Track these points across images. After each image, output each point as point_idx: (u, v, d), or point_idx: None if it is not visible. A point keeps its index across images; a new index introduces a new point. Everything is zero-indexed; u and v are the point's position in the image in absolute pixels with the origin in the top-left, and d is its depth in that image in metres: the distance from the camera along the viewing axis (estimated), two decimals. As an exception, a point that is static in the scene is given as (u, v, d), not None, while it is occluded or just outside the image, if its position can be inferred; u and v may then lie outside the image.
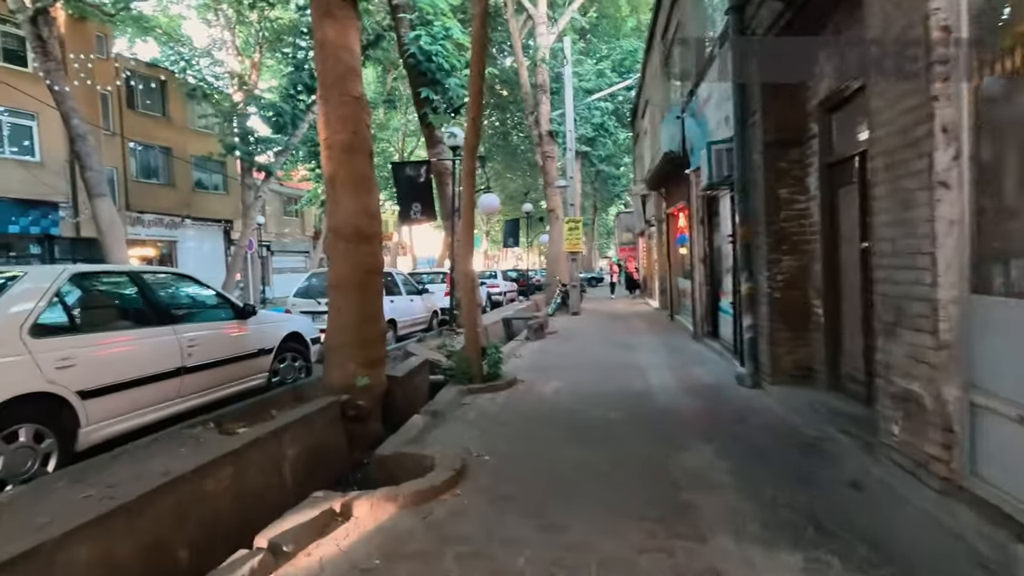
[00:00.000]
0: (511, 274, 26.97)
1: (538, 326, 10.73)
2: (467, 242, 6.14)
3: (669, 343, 9.26)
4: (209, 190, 26.79)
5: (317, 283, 8.87)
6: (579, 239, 15.83)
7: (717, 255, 8.61)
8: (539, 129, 17.49)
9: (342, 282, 5.18)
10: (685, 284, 11.47)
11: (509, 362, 7.96)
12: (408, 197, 9.79)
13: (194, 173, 25.92)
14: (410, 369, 6.25)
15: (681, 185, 10.79)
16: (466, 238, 6.14)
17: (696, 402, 5.29)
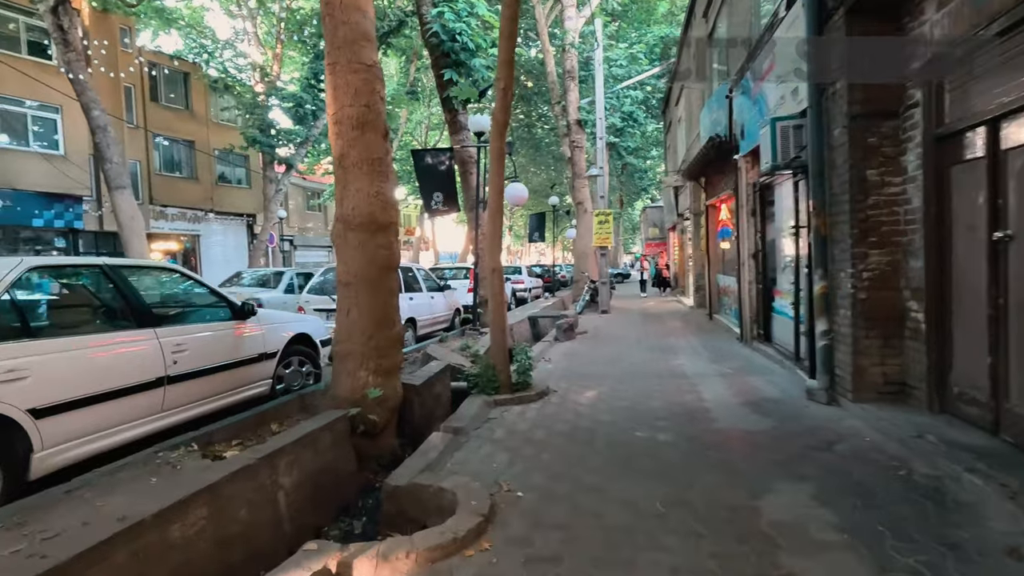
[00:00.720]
0: (536, 270, 26.20)
1: (568, 326, 9.98)
2: (494, 233, 5.43)
3: (713, 346, 8.42)
4: (232, 184, 26.63)
5: (332, 279, 8.27)
6: (609, 233, 14.99)
7: (771, 250, 7.74)
8: (567, 118, 16.68)
9: (352, 279, 4.52)
10: (728, 281, 10.58)
11: (538, 367, 7.24)
12: (429, 187, 9.13)
13: (217, 167, 25.77)
14: (429, 376, 5.58)
15: (725, 174, 9.90)
16: (493, 229, 5.43)
17: (764, 422, 4.49)
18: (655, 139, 31.73)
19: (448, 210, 9.30)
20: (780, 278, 7.49)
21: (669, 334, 10.21)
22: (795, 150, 5.41)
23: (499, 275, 5.43)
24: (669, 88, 19.15)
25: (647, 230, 39.07)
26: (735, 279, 9.85)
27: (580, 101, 16.88)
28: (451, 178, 9.43)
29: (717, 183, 10.89)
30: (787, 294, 6.99)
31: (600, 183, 15.06)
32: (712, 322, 11.44)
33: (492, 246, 5.42)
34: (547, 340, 9.71)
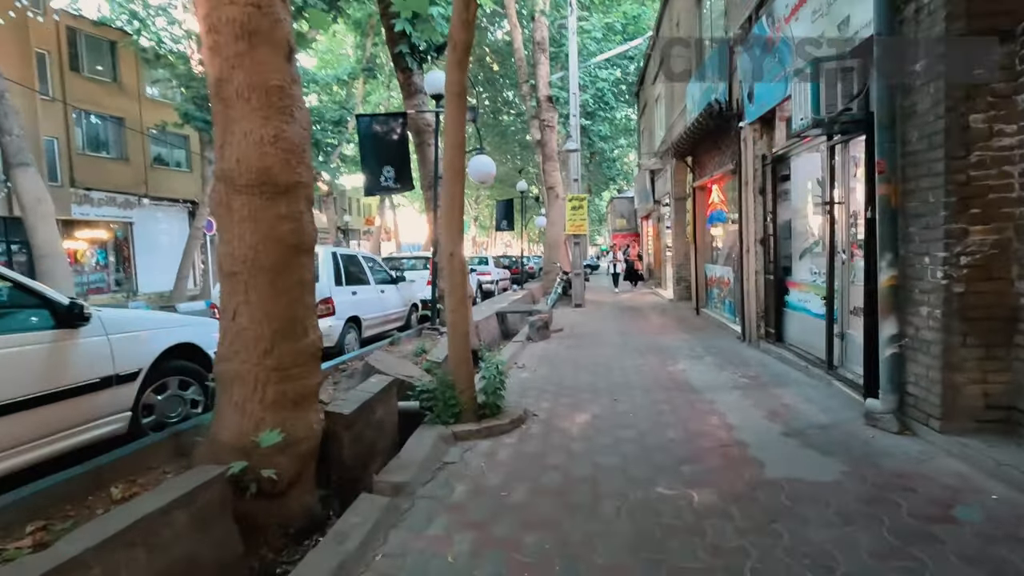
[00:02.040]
0: (503, 261, 24.81)
1: (542, 324, 8.64)
2: (452, 207, 4.00)
3: (713, 347, 7.22)
4: (171, 167, 24.27)
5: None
6: (584, 219, 13.73)
7: (784, 234, 6.56)
8: (536, 95, 15.28)
9: (239, 266, 3.02)
10: (720, 272, 9.44)
11: (510, 375, 5.88)
12: (377, 159, 7.61)
13: (152, 147, 23.42)
14: (367, 399, 4.12)
15: (720, 149, 8.70)
16: (451, 201, 4.00)
17: (828, 465, 3.24)
18: (624, 126, 30.73)
19: (400, 187, 7.80)
20: (797, 267, 6.31)
21: (657, 331, 9.00)
22: (843, 100, 4.17)
23: (460, 262, 4.02)
24: (644, 67, 17.99)
25: (615, 221, 38.17)
26: (731, 269, 8.69)
27: (551, 76, 15.50)
28: (404, 150, 7.92)
29: (708, 162, 9.71)
30: (809, 287, 5.81)
31: (574, 162, 13.74)
32: (701, 317, 10.30)
33: (450, 224, 3.99)
34: (519, 340, 8.36)
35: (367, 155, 7.73)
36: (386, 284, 8.36)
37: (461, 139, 3.88)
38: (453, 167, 3.85)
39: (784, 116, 6.42)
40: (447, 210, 3.92)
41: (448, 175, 3.86)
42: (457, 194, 3.90)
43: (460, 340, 4.06)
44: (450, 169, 3.85)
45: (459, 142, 3.86)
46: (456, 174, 3.86)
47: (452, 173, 3.85)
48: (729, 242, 9.04)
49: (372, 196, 8.40)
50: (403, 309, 8.81)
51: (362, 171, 7.70)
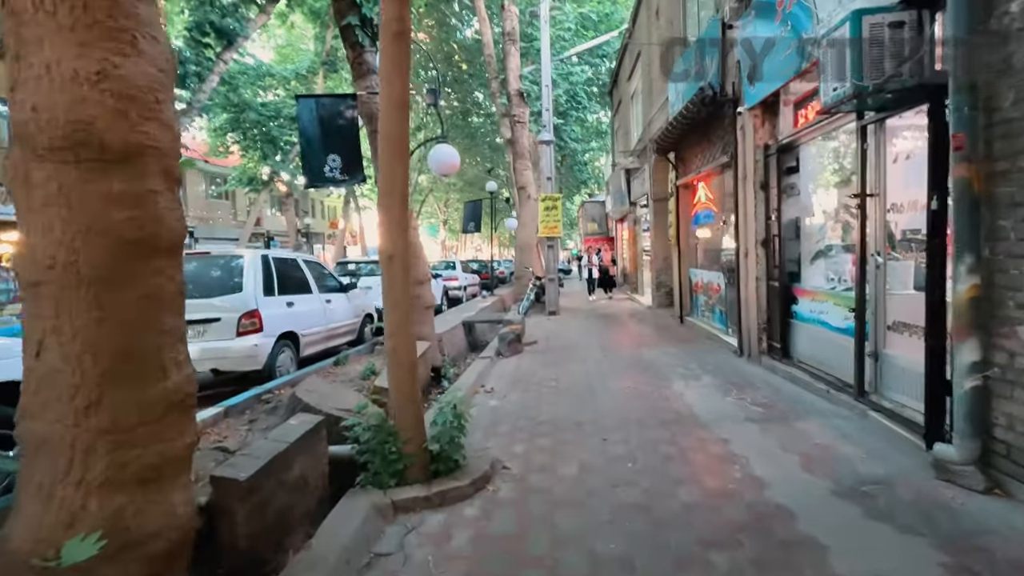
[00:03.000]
0: (472, 265, 23.73)
1: (513, 337, 7.64)
2: (392, 198, 2.94)
3: (709, 363, 6.34)
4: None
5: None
6: (557, 221, 12.82)
7: (790, 234, 5.73)
8: (506, 90, 14.33)
9: (46, 274, 1.94)
10: (707, 277, 8.61)
11: (476, 403, 4.86)
12: (320, 146, 6.50)
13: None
14: (277, 453, 3.03)
15: (710, 141, 7.88)
16: (390, 191, 2.93)
17: (917, 552, 2.32)
18: (596, 129, 30.12)
19: (347, 179, 6.69)
20: (808, 272, 5.47)
21: (640, 343, 8.10)
22: (892, 64, 3.31)
23: (403, 268, 2.97)
24: (618, 64, 17.25)
25: (586, 225, 37.52)
26: (721, 274, 7.86)
27: (523, 70, 14.58)
28: (353, 137, 6.83)
29: (694, 157, 8.89)
30: (826, 295, 4.96)
31: (547, 159, 12.82)
32: (686, 327, 9.47)
33: (389, 216, 2.94)
34: (487, 356, 7.33)
35: (309, 141, 6.60)
36: (334, 293, 7.22)
37: (403, 95, 2.86)
38: (393, 136, 2.82)
39: (790, 100, 5.60)
40: (386, 196, 2.88)
41: (386, 147, 2.83)
42: (399, 174, 2.87)
43: (404, 375, 3.01)
44: (389, 139, 2.82)
45: (401, 100, 2.83)
46: (397, 146, 2.83)
47: (392, 144, 2.82)
48: (720, 244, 8.22)
49: (314, 188, 7.16)
50: (354, 321, 7.68)
51: (302, 160, 6.57)
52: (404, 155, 2.86)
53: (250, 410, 4.38)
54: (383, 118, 2.84)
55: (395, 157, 2.82)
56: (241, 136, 21.74)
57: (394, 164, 2.82)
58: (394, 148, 2.82)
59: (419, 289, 7.56)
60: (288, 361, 5.80)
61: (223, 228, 29.39)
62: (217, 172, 29.18)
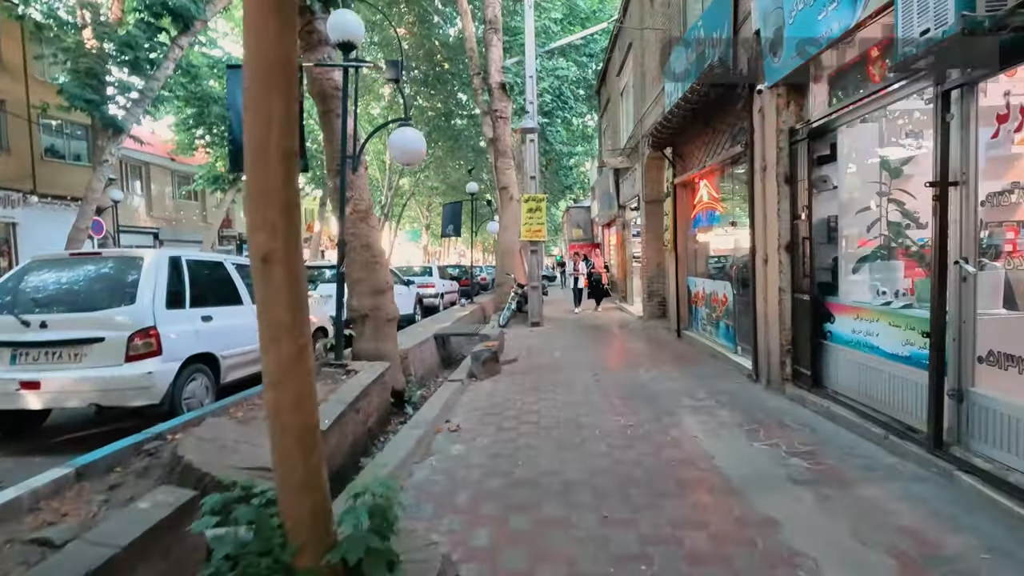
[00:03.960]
0: (452, 271, 22.57)
1: (489, 355, 6.54)
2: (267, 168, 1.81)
3: (720, 391, 5.29)
4: (66, 161, 20.95)
5: (39, 281, 4.27)
6: (541, 224, 11.77)
7: (824, 237, 4.73)
8: (488, 83, 13.28)
9: None
10: (710, 287, 7.59)
11: (435, 446, 3.75)
12: (257, 126, 5.43)
13: (44, 137, 20.14)
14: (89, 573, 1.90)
15: (715, 131, 6.90)
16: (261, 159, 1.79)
17: None
18: (581, 133, 29.28)
19: (290, 167, 5.60)
20: (848, 283, 4.46)
21: (635, 361, 7.05)
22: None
23: (288, 275, 1.85)
24: (606, 61, 16.34)
25: (571, 231, 36.61)
26: (728, 284, 6.85)
27: (505, 62, 13.55)
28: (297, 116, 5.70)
29: (695, 151, 7.90)
30: (876, 313, 3.94)
31: (530, 155, 11.78)
32: (684, 342, 8.45)
33: (262, 185, 1.80)
34: (457, 378, 6.21)
35: (241, 120, 5.46)
36: (274, 303, 6.08)
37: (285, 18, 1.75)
38: (267, 56, 1.70)
39: (822, 75, 4.61)
40: (258, 154, 1.76)
41: (256, 72, 1.71)
42: (279, 116, 1.75)
43: (295, 447, 1.87)
44: (261, 59, 1.70)
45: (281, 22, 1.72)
46: (275, 71, 1.71)
47: (266, 68, 1.70)
48: (726, 249, 7.23)
49: (238, 172, 5.88)
50: (301, 336, 6.52)
51: (229, 142, 5.42)
52: (286, 86, 1.74)
53: (121, 467, 3.24)
54: (249, 26, 1.73)
55: (272, 89, 1.70)
56: (206, 131, 20.42)
57: (271, 100, 1.69)
58: (269, 74, 1.70)
59: (379, 299, 6.44)
60: (202, 391, 4.61)
61: (190, 230, 27.86)
62: (184, 171, 27.68)
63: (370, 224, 6.42)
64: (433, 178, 37.01)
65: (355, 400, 4.69)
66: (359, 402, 4.81)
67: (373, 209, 6.52)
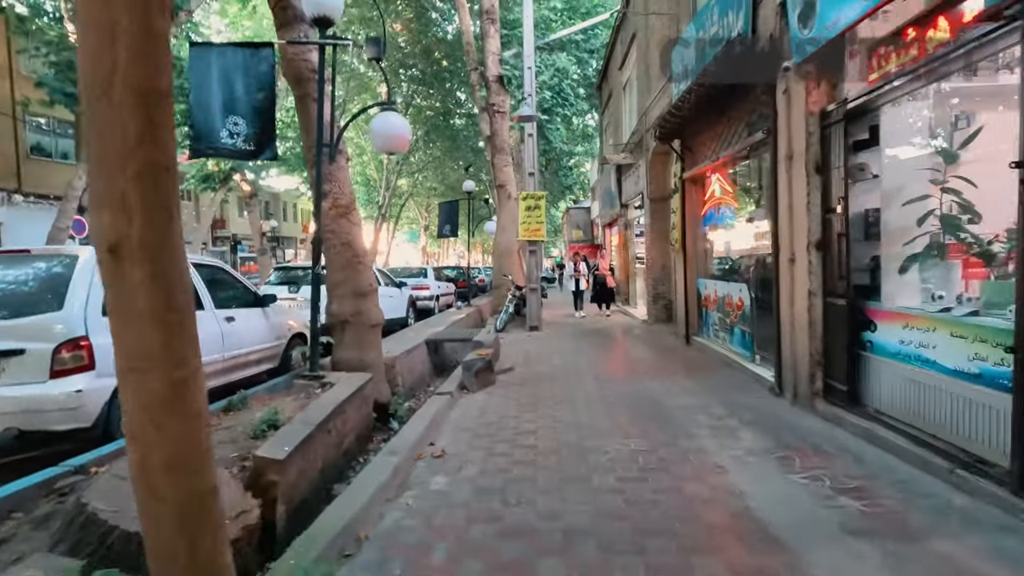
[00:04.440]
0: (448, 272, 21.97)
1: (484, 365, 5.94)
2: (103, 85, 1.25)
3: (741, 407, 4.70)
4: (54, 159, 20.40)
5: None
6: (540, 223, 11.18)
7: (860, 233, 4.15)
8: (486, 75, 12.70)
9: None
10: (726, 289, 6.98)
11: (413, 479, 3.15)
12: (219, 106, 4.79)
13: (30, 135, 19.60)
14: None
15: (729, 119, 6.32)
16: (103, 120, 1.24)
17: None
18: (582, 133, 28.75)
19: (253, 152, 4.96)
20: (893, 286, 3.87)
21: (642, 370, 6.45)
22: None
23: (148, 272, 1.26)
24: (608, 55, 15.76)
25: (570, 232, 36.02)
26: (745, 286, 6.26)
27: (503, 53, 12.97)
28: (268, 99, 5.11)
29: (707, 142, 7.32)
30: (933, 321, 3.35)
31: (530, 151, 11.21)
32: (695, 349, 7.85)
33: (106, 145, 1.22)
34: (446, 391, 5.60)
35: (201, 101, 4.85)
36: (244, 308, 5.46)
37: None
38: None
39: (858, 50, 4.03)
40: (94, 90, 1.17)
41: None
42: (131, 61, 1.16)
43: (173, 527, 1.28)
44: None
45: None
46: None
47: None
48: (742, 248, 6.65)
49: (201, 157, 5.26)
50: (274, 344, 5.89)
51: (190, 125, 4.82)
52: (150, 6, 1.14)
53: (24, 511, 2.64)
54: None
55: (118, 4, 1.11)
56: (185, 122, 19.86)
57: (113, 6, 1.10)
58: None
59: (361, 303, 5.85)
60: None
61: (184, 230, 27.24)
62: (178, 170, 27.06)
63: (351, 220, 5.84)
64: (432, 179, 36.47)
65: (327, 419, 4.10)
66: (332, 421, 4.22)
67: (355, 204, 5.93)
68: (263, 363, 5.67)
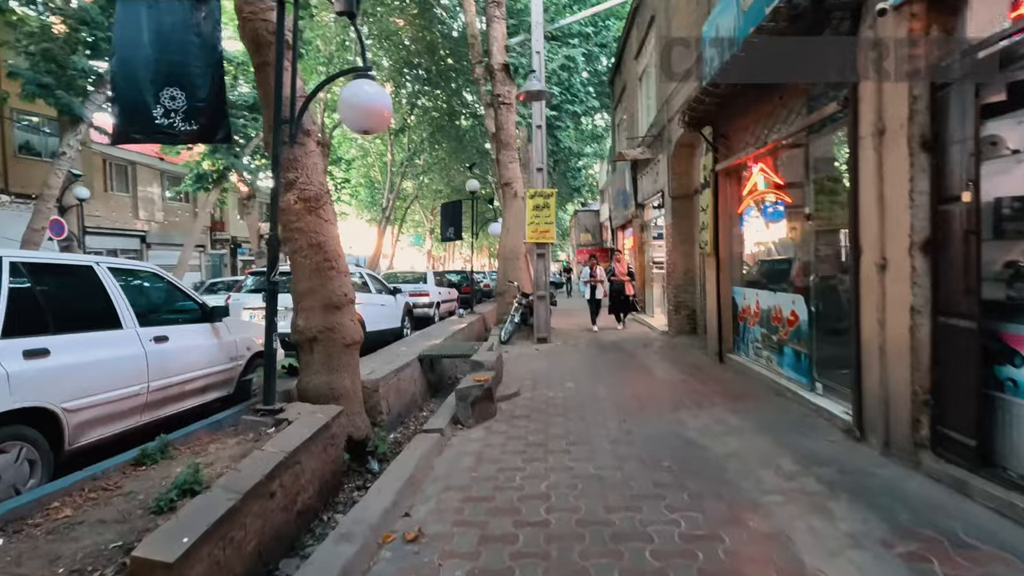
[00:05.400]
0: (452, 277, 20.92)
1: (482, 393, 4.85)
2: None
3: (812, 458, 3.59)
4: (43, 158, 19.61)
5: None
6: (550, 224, 10.13)
7: (989, 228, 3.05)
8: (490, 61, 11.67)
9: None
10: (772, 300, 5.86)
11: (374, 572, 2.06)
12: (149, 76, 3.78)
13: (17, 133, 18.84)
14: None
15: (787, 95, 5.22)
16: None
17: None
18: (591, 132, 27.78)
19: (196, 132, 3.96)
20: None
21: (674, 401, 5.35)
22: None
23: None
24: (622, 45, 14.70)
25: (578, 236, 34.90)
26: (797, 298, 5.15)
27: (509, 40, 11.93)
28: (214, 66, 4.09)
29: (748, 127, 6.23)
30: None
31: (538, 145, 10.15)
32: (729, 369, 6.74)
33: None
34: (436, 428, 4.50)
35: (128, 69, 3.84)
36: (185, 324, 4.42)
37: None
38: None
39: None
40: None
41: None
42: None
43: None
44: None
45: None
46: None
47: None
48: (795, 250, 5.55)
49: (126, 143, 4.20)
50: (227, 367, 4.81)
51: (112, 101, 3.82)
52: None
53: None
54: None
55: None
56: (188, 126, 19.00)
57: None
58: None
59: (333, 317, 4.81)
60: (19, 471, 2.95)
61: (181, 233, 26.45)
62: (175, 171, 26.31)
63: (322, 216, 4.79)
64: (437, 181, 35.53)
65: (267, 479, 3.04)
66: (277, 479, 3.16)
67: (328, 196, 4.89)
68: (210, 391, 4.61)
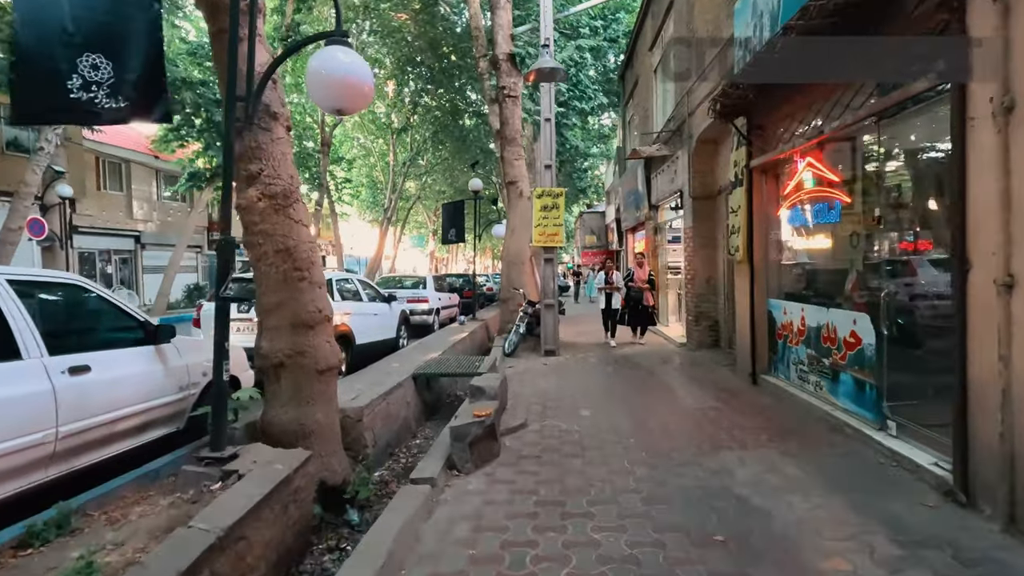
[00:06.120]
0: (453, 281, 20.06)
1: (483, 432, 4.01)
2: None
3: (908, 533, 2.76)
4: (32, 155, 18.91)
5: None
6: (559, 225, 9.31)
7: None
8: (495, 51, 10.86)
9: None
10: (820, 316, 5.00)
11: None
12: (62, 39, 3.00)
13: (6, 130, 18.20)
14: None
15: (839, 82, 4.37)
16: None
17: None
18: (597, 132, 27.01)
19: (122, 106, 3.17)
20: None
21: (709, 436, 4.50)
22: None
23: None
24: (634, 37, 13.88)
25: (583, 238, 34.00)
26: (860, 316, 4.30)
27: (515, 29, 11.11)
28: (153, 32, 3.28)
29: (791, 118, 5.38)
30: None
31: (546, 139, 9.33)
32: (766, 394, 5.89)
33: None
34: (425, 477, 3.65)
35: (38, 21, 3.04)
36: (115, 349, 3.60)
37: None
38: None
39: None
40: None
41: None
42: None
43: None
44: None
45: None
46: None
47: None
48: (852, 259, 4.69)
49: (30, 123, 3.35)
50: (171, 400, 3.96)
51: (13, 68, 3.03)
52: None
53: None
54: None
55: None
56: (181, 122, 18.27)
57: None
58: None
59: (303, 339, 4.00)
60: None
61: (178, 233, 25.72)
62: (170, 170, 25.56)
63: (291, 217, 3.98)
64: (440, 181, 34.75)
65: (191, 569, 2.22)
66: (208, 565, 2.35)
67: (298, 192, 4.07)
68: (152, 429, 3.78)
